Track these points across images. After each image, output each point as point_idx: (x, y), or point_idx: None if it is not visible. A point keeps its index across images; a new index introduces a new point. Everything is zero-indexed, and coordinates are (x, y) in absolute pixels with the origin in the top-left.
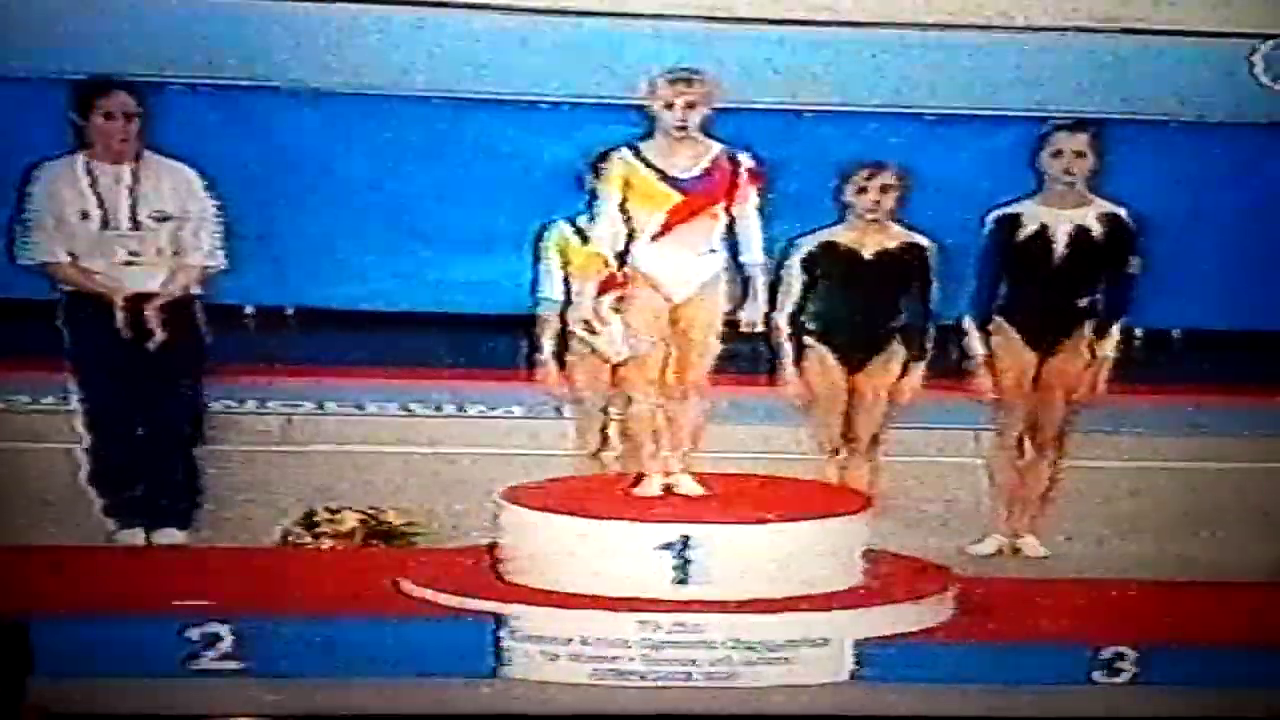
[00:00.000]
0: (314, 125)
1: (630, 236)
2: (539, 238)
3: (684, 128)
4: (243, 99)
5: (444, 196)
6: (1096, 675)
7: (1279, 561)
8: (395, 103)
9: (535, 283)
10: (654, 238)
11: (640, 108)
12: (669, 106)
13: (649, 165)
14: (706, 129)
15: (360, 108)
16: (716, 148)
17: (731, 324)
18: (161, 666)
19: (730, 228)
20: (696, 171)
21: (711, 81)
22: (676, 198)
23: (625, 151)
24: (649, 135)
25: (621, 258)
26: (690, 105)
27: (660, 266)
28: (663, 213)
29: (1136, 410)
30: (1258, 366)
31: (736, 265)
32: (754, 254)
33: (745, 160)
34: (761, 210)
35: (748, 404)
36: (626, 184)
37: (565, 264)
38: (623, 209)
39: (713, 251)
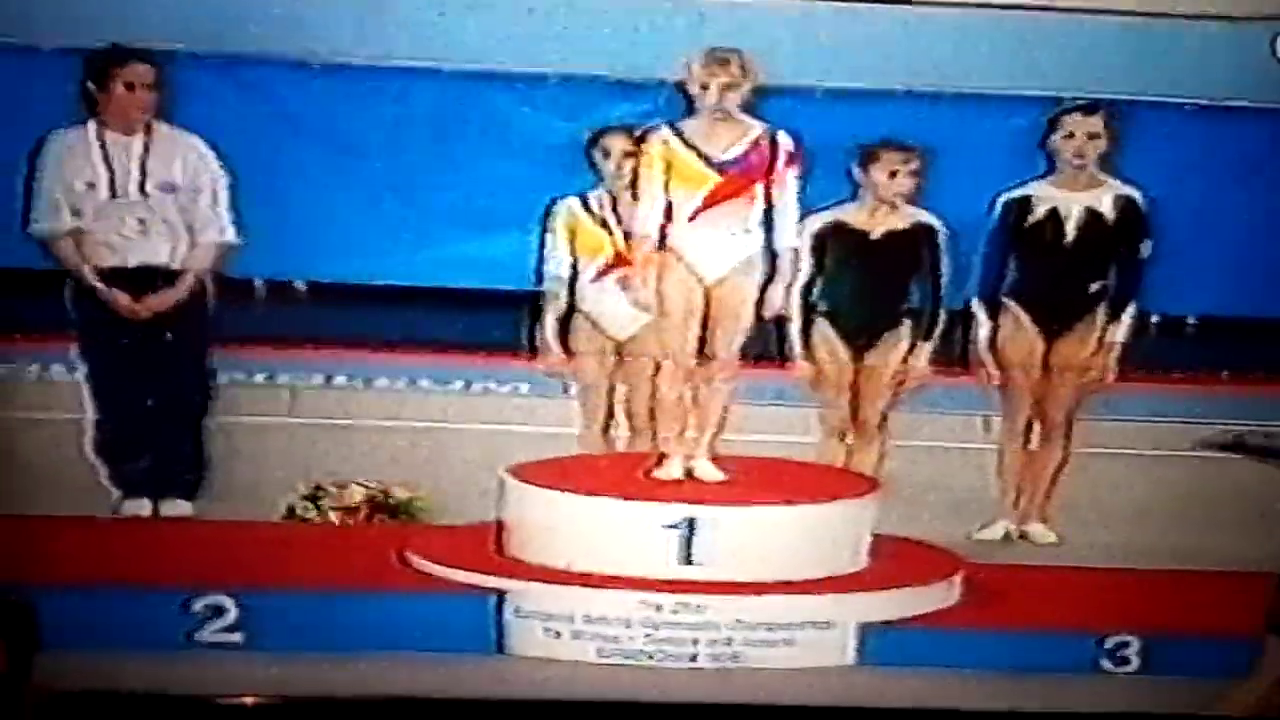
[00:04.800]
0: (325, 97)
1: (667, 216)
2: (547, 214)
3: (722, 110)
4: (252, 70)
5: (454, 171)
6: (1104, 663)
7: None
8: (407, 75)
9: (541, 260)
10: (690, 218)
11: (649, 85)
12: (704, 88)
13: (689, 145)
14: (749, 108)
15: (371, 79)
16: (758, 128)
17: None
18: (165, 640)
19: (767, 209)
20: (736, 152)
21: (750, 61)
22: (715, 179)
23: (665, 131)
24: (689, 114)
25: (663, 238)
26: (727, 87)
27: (695, 247)
28: (701, 193)
29: (1147, 397)
30: (1272, 355)
31: (768, 248)
32: (787, 238)
33: (785, 142)
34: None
35: (755, 385)
36: (666, 164)
37: (573, 242)
38: (664, 189)
39: (748, 233)
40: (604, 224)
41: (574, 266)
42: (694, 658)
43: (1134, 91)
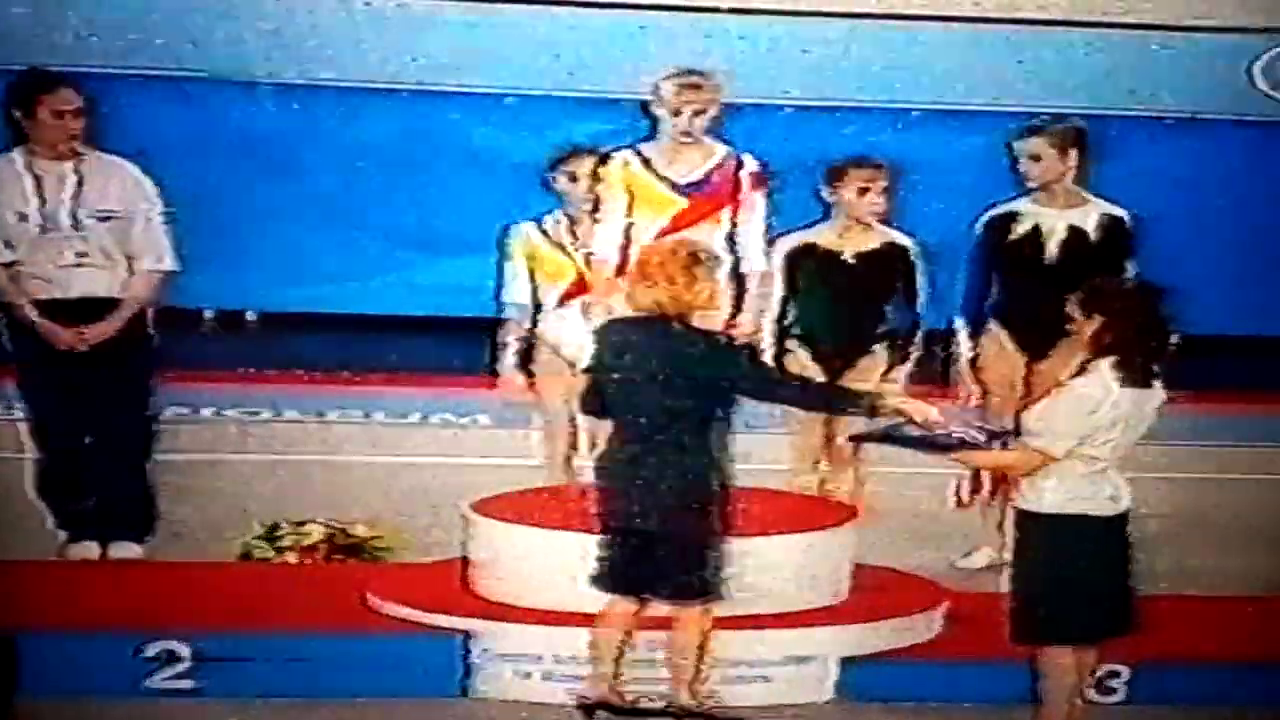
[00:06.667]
0: (274, 120)
1: (629, 241)
2: (505, 239)
3: (690, 134)
4: (198, 92)
5: (409, 195)
6: (1090, 694)
7: (1274, 575)
8: (358, 96)
9: (501, 287)
10: None
11: (612, 104)
12: (676, 113)
13: (651, 169)
14: (713, 129)
15: (322, 101)
16: (721, 150)
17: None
18: (115, 687)
19: (732, 233)
20: (699, 175)
21: (719, 83)
22: (680, 203)
23: (627, 154)
24: (653, 135)
25: (624, 264)
26: (699, 113)
27: None
28: (665, 219)
29: None
30: (1255, 373)
31: (736, 272)
32: (755, 261)
33: (750, 164)
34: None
35: None
36: (628, 188)
37: (532, 267)
38: (626, 213)
39: (715, 258)
40: (565, 249)
41: (534, 293)
42: (670, 698)
43: (1109, 106)
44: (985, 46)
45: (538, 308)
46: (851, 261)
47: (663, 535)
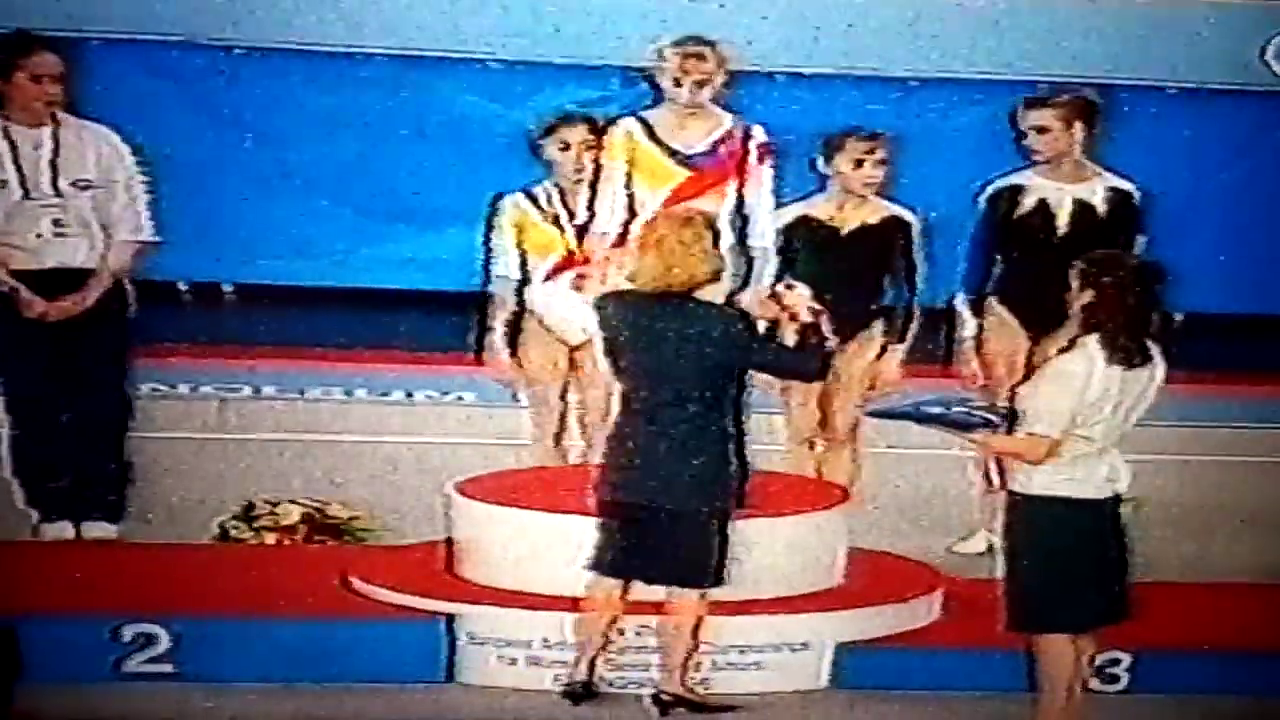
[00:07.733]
0: (252, 85)
1: (629, 213)
2: (493, 210)
3: (694, 104)
4: (174, 57)
5: (391, 165)
6: (1093, 682)
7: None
8: (339, 62)
9: (488, 259)
10: None
11: (601, 70)
12: (677, 83)
13: (655, 139)
14: (717, 98)
15: (301, 68)
16: (728, 120)
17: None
18: (92, 670)
19: (738, 206)
20: (705, 146)
21: (724, 53)
22: (683, 174)
23: (630, 121)
24: (656, 103)
25: (623, 237)
26: (701, 83)
27: None
28: (667, 190)
29: None
30: (1260, 353)
31: (741, 247)
32: (763, 236)
33: (758, 135)
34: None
35: None
36: (629, 157)
37: (521, 239)
38: (626, 183)
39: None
40: (555, 220)
41: (523, 266)
42: (658, 684)
43: (1113, 76)
44: (988, 15)
45: (525, 281)
46: (848, 235)
47: (668, 517)
